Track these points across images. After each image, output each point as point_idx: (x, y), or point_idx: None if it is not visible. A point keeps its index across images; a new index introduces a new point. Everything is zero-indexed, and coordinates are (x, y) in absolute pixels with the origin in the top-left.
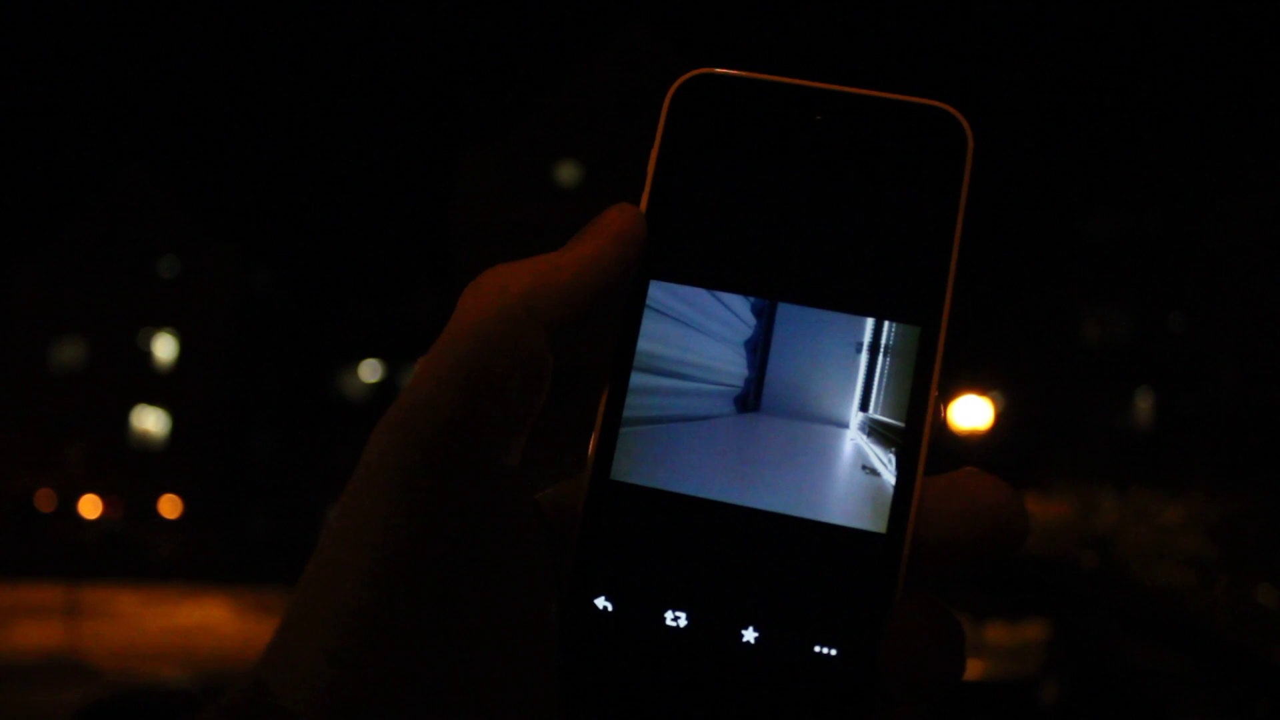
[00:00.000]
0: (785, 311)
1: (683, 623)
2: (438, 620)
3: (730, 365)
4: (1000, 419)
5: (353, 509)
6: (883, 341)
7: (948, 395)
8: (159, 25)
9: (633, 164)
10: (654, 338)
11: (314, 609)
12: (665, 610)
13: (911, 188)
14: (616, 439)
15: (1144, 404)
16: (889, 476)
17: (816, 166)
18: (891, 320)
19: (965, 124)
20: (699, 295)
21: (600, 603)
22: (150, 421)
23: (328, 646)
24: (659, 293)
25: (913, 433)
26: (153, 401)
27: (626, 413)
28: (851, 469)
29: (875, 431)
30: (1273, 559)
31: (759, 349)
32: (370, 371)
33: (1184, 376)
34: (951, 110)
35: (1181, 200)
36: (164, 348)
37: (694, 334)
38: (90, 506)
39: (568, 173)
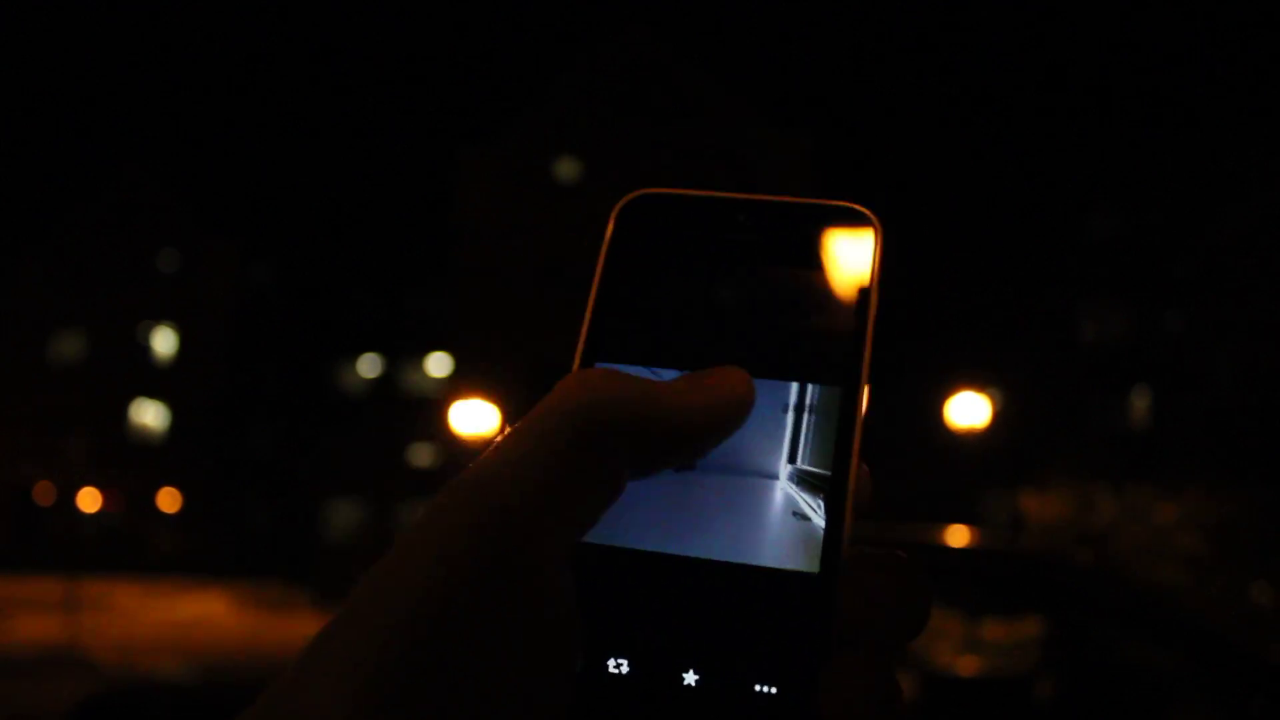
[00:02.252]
0: None
1: (625, 669)
2: (443, 700)
3: None
4: (998, 416)
5: (387, 573)
6: (808, 401)
7: (868, 446)
8: (160, 21)
9: (632, 163)
10: None
11: (330, 663)
12: (608, 658)
13: (830, 274)
14: None
15: (1140, 402)
16: (818, 520)
17: (746, 261)
18: (816, 383)
19: (874, 219)
20: (640, 372)
21: None
22: (150, 415)
23: (342, 699)
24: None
25: (839, 476)
26: (152, 395)
27: None
28: (783, 515)
29: (804, 480)
30: (1268, 557)
31: None
32: (369, 366)
33: (1180, 375)
34: (861, 209)
35: (1181, 200)
36: (163, 342)
37: None
38: (89, 500)
39: (567, 171)
